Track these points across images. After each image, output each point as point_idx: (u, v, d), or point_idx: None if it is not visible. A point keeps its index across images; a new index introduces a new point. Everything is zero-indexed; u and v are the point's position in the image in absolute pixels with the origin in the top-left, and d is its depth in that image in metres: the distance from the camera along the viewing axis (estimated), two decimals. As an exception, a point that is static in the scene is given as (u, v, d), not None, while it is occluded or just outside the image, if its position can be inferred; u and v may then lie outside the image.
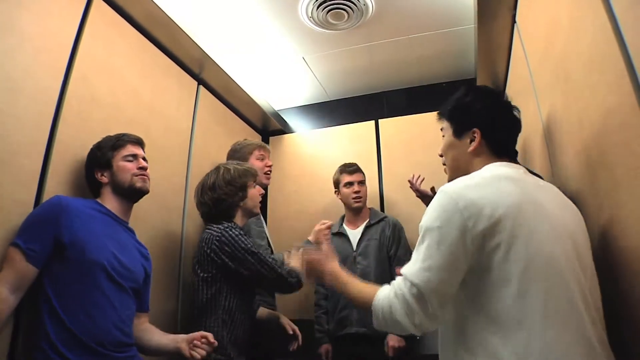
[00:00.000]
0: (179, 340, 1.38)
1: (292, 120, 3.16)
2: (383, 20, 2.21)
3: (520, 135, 1.13)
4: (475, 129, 1.05)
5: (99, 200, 1.39)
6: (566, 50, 1.16)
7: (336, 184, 2.37)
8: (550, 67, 1.31)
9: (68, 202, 1.23)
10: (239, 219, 1.73)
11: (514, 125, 1.09)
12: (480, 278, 0.87)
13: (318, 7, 2.08)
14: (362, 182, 2.31)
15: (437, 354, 1.01)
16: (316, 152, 2.93)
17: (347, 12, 2.12)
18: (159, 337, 1.43)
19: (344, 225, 2.32)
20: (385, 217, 2.28)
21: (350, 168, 2.33)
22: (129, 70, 1.75)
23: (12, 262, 1.11)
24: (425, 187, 2.55)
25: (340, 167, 2.38)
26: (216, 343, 1.38)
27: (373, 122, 2.85)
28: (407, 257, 2.12)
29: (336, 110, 3.08)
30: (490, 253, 0.86)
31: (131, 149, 1.45)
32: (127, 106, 1.70)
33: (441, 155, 1.18)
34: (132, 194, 1.43)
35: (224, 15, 2.12)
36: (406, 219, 2.35)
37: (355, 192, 2.26)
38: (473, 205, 0.87)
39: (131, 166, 1.43)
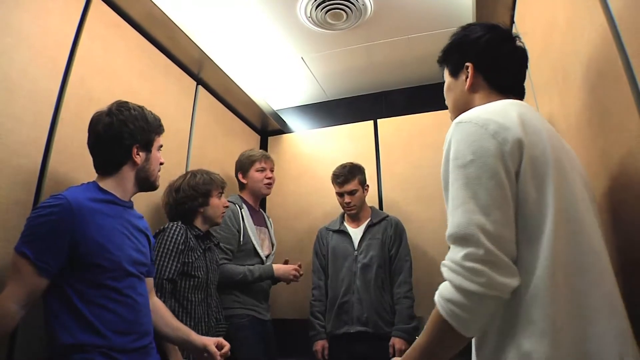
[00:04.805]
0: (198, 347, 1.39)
1: (290, 120, 3.16)
2: (382, 21, 2.21)
3: None
4: (467, 64, 0.96)
5: (104, 184, 1.23)
6: (564, 49, 1.16)
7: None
8: (549, 66, 1.32)
9: (77, 203, 1.10)
10: (199, 224, 1.77)
11: (514, 55, 0.97)
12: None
13: (317, 7, 2.08)
14: (352, 192, 2.21)
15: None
16: (315, 152, 2.93)
17: (345, 12, 2.12)
18: (165, 329, 1.39)
19: (344, 223, 2.31)
20: (387, 216, 2.27)
21: (339, 179, 2.23)
22: (127, 70, 1.75)
23: (22, 276, 1.02)
24: (424, 188, 2.55)
25: (333, 172, 2.29)
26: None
27: (372, 122, 2.85)
28: (407, 257, 2.16)
29: (335, 110, 3.08)
30: (525, 186, 0.74)
31: (162, 140, 1.37)
32: (125, 106, 1.70)
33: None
34: (148, 188, 1.34)
35: (223, 16, 2.12)
36: (405, 218, 2.35)
37: (347, 203, 2.23)
38: (503, 128, 0.75)
39: (160, 158, 1.35)
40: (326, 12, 2.11)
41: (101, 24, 1.61)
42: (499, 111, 0.80)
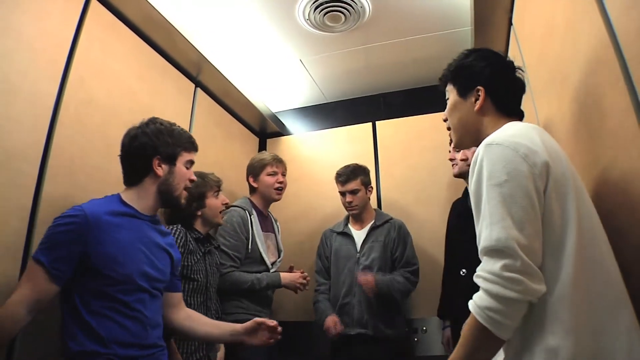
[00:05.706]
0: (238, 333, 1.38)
1: (289, 123, 3.16)
2: (380, 23, 2.22)
3: None
4: (479, 87, 1.04)
5: (126, 196, 1.25)
6: (562, 52, 1.17)
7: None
8: (547, 69, 1.32)
9: (94, 216, 1.13)
10: (199, 227, 1.76)
11: (518, 84, 1.07)
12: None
13: (315, 10, 2.08)
14: (354, 192, 2.21)
15: (435, 355, 1.00)
16: (314, 154, 2.94)
17: (344, 14, 2.12)
18: (208, 329, 1.40)
19: (349, 225, 2.31)
20: (391, 219, 2.27)
21: (342, 177, 2.24)
22: (126, 72, 1.75)
23: (34, 281, 1.05)
24: (423, 190, 2.55)
25: (336, 172, 2.30)
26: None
27: (370, 124, 2.85)
28: (413, 259, 2.16)
29: (333, 112, 3.08)
30: (550, 204, 0.82)
31: (193, 156, 1.37)
32: (124, 109, 1.70)
33: (445, 120, 1.15)
34: (171, 204, 1.33)
35: (221, 18, 2.12)
36: (404, 219, 2.34)
37: (348, 202, 2.23)
38: (532, 152, 0.84)
39: (188, 174, 1.33)
40: (324, 15, 2.12)
41: (99, 26, 1.60)
42: (524, 135, 0.89)
